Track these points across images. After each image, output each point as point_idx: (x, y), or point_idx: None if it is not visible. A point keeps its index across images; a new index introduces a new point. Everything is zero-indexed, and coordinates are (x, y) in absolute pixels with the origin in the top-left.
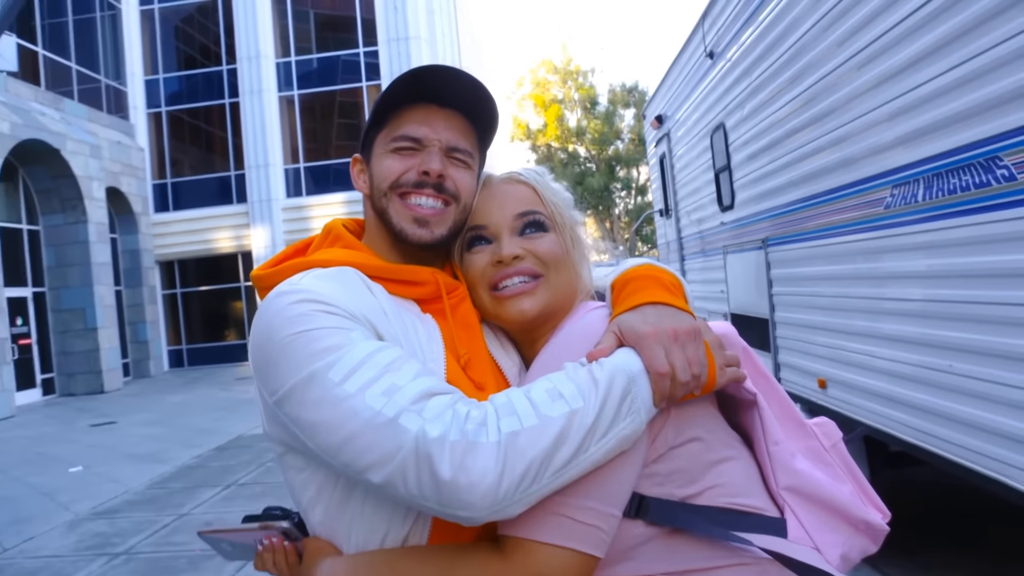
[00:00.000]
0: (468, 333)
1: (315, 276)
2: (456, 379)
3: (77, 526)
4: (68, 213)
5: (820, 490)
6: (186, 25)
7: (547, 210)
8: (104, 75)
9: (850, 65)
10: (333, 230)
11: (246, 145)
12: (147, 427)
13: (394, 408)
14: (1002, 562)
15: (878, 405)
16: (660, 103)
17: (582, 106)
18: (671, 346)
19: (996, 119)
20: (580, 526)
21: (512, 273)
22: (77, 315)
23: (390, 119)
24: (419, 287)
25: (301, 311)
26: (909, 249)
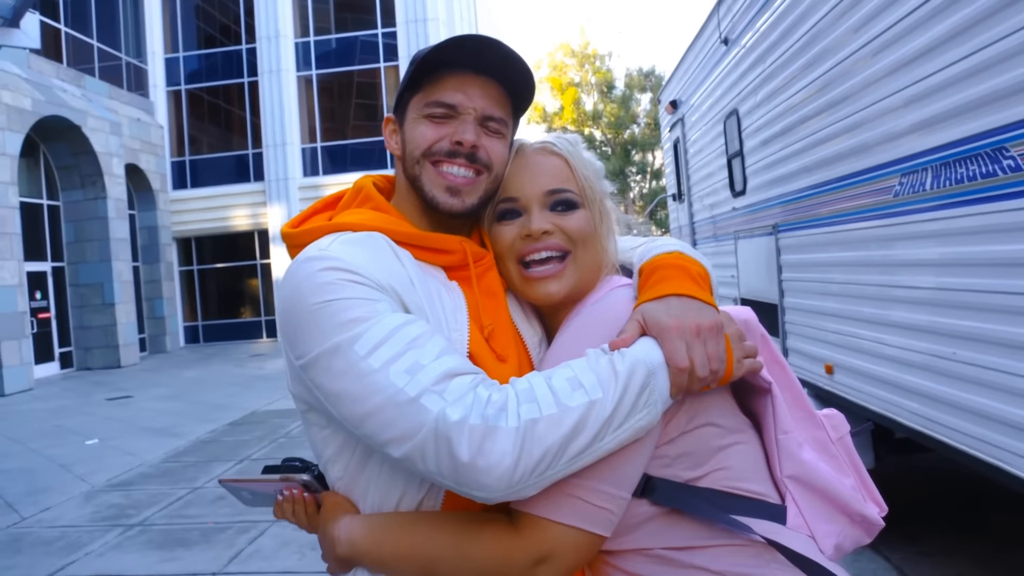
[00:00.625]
0: (493, 303)
1: (344, 241)
2: (479, 350)
3: (93, 497)
4: (88, 189)
5: (822, 481)
6: (206, 4)
7: (578, 185)
8: (125, 53)
9: (863, 53)
10: (364, 189)
11: (264, 124)
12: (162, 401)
13: (416, 387)
14: (1003, 548)
15: (884, 392)
16: (675, 88)
17: (599, 90)
18: (693, 341)
19: (1004, 110)
20: (592, 508)
21: (540, 248)
22: (95, 290)
23: (425, 83)
24: (447, 255)
25: (329, 279)
26: (917, 237)
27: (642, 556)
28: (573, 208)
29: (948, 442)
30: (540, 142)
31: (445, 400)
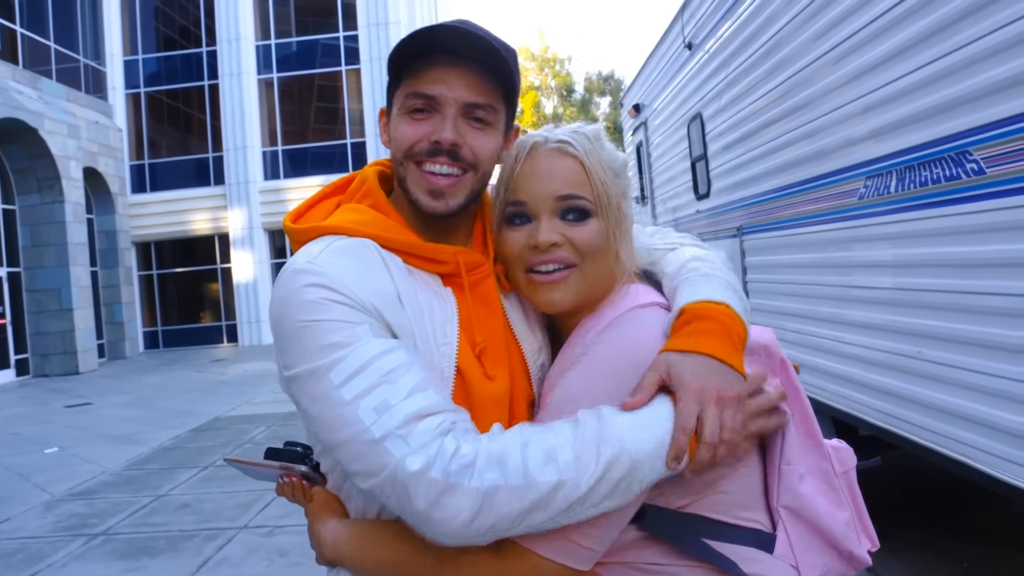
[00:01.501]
0: (488, 314)
1: (334, 251)
2: (467, 365)
3: (54, 507)
4: (45, 193)
5: (816, 516)
6: (166, 6)
7: (593, 192)
8: (83, 55)
9: (825, 60)
10: (367, 181)
11: (224, 127)
12: (123, 408)
13: (382, 429)
14: (969, 542)
15: (850, 390)
16: (638, 92)
17: (558, 93)
18: (709, 406)
19: (967, 115)
20: (580, 548)
21: (547, 260)
22: (52, 295)
23: (405, 76)
24: (440, 265)
25: (313, 297)
26: (881, 239)
27: (624, 567)
28: (585, 217)
29: (915, 439)
30: (556, 141)
31: (408, 446)
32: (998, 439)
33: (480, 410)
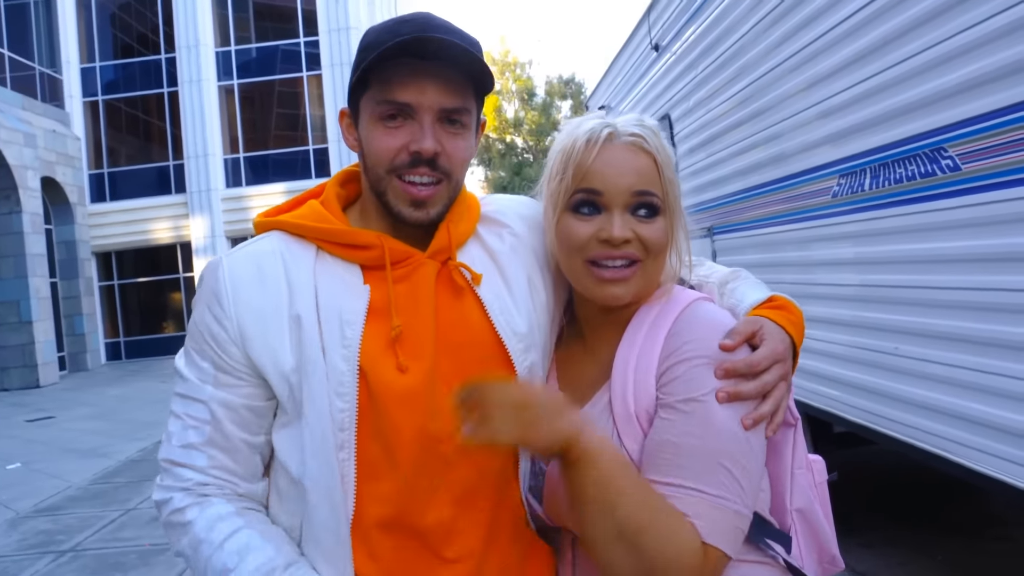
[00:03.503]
0: (412, 302)
1: (245, 256)
2: (373, 362)
3: (19, 524)
4: (1, 203)
5: (817, 519)
6: (123, 13)
7: (663, 189)
8: (38, 62)
9: (798, 58)
10: (327, 190)
11: (185, 135)
12: (87, 421)
13: (163, 452)
14: (942, 535)
15: (826, 388)
16: (604, 94)
17: (519, 97)
18: (774, 373)
19: (942, 111)
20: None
21: (616, 255)
22: (11, 308)
23: (373, 80)
24: (363, 251)
25: (196, 319)
26: (857, 236)
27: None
28: (655, 214)
29: (893, 435)
30: (631, 135)
31: (161, 480)
32: (976, 432)
33: (386, 409)
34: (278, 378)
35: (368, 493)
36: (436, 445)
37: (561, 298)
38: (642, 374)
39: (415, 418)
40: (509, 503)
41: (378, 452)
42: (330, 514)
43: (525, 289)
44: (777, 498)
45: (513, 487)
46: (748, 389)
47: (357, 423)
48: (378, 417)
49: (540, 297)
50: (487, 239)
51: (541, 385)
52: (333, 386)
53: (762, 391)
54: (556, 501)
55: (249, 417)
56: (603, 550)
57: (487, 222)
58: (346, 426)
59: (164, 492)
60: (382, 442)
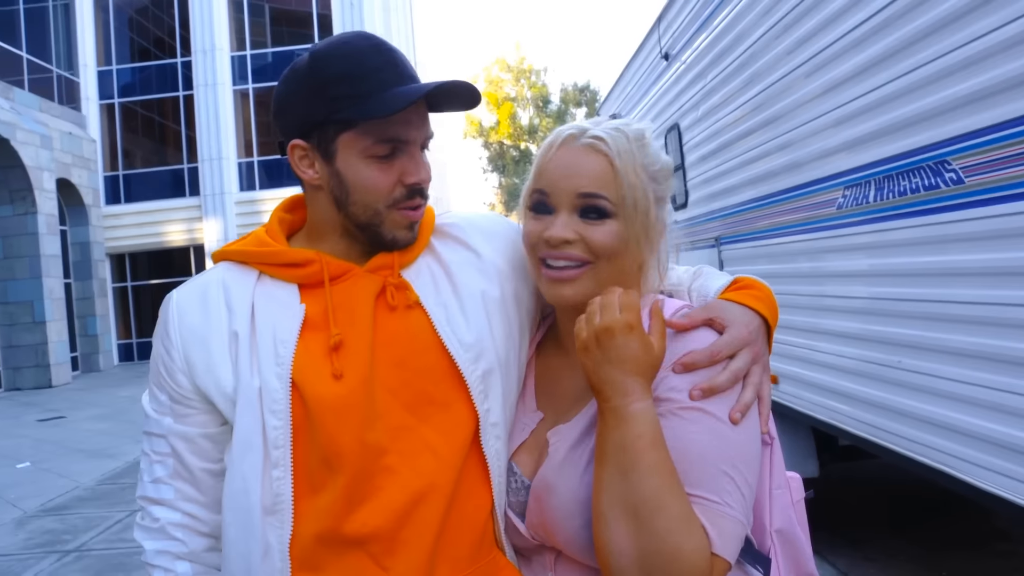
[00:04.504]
0: (349, 314)
1: (192, 287)
2: (305, 372)
3: (25, 523)
4: (17, 204)
5: (797, 539)
6: (140, 16)
7: (618, 193)
8: (56, 65)
9: (802, 71)
10: (271, 217)
11: (199, 138)
12: (97, 422)
13: (137, 493)
14: (946, 549)
15: (830, 400)
16: (615, 103)
17: (534, 104)
18: (744, 356)
19: (946, 124)
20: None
21: (557, 256)
22: (25, 308)
23: (361, 122)
24: (301, 269)
25: (152, 353)
26: (861, 248)
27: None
28: (604, 217)
29: (896, 449)
30: (591, 136)
31: (140, 519)
32: (979, 448)
33: (321, 420)
34: (222, 400)
35: (306, 509)
36: (376, 454)
37: (535, 308)
38: None
39: (351, 427)
40: (469, 517)
41: (316, 464)
42: (250, 540)
43: (478, 301)
44: (756, 519)
45: (476, 501)
46: (720, 381)
47: (292, 439)
48: (313, 429)
49: (499, 308)
50: (441, 251)
51: (643, 335)
52: (267, 404)
53: (735, 379)
54: (543, 514)
55: (207, 446)
56: (610, 523)
57: (441, 234)
58: (280, 443)
59: (141, 534)
60: (319, 454)
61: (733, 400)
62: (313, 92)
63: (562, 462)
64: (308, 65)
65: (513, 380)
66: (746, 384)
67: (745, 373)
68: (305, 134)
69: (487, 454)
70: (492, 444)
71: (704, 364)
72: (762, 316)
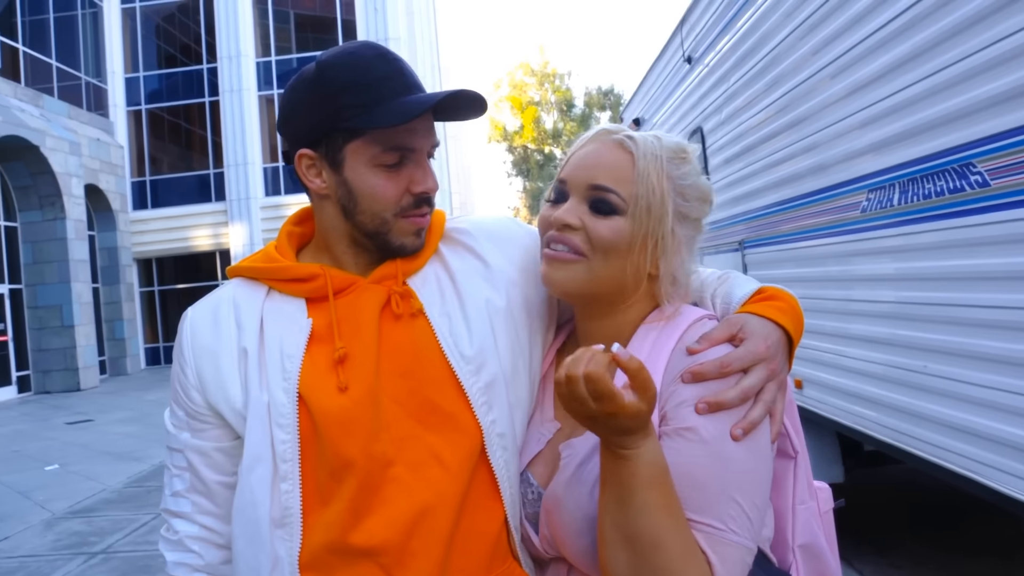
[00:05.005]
0: (354, 327)
1: (204, 304)
2: (312, 386)
3: (54, 525)
4: (46, 210)
5: (822, 552)
6: (167, 24)
7: (631, 190)
8: (84, 72)
9: (825, 73)
10: (280, 231)
11: (225, 143)
12: (124, 425)
13: (160, 506)
14: (975, 555)
15: (855, 405)
16: (638, 106)
17: (558, 108)
18: (759, 371)
19: (971, 126)
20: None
21: (557, 239)
22: (54, 312)
23: (368, 131)
24: (307, 284)
25: (171, 370)
26: (885, 252)
27: None
28: (612, 213)
29: (922, 455)
30: (622, 135)
31: (164, 533)
32: (1007, 454)
33: (328, 432)
34: (233, 415)
35: (315, 521)
36: (382, 465)
37: (549, 314)
38: None
39: (358, 439)
40: (480, 527)
41: (325, 477)
42: (259, 553)
43: (482, 311)
44: (778, 533)
45: (487, 511)
46: (729, 397)
47: (300, 453)
48: (321, 442)
49: (505, 318)
50: (448, 258)
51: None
52: (275, 418)
53: (745, 397)
54: (553, 528)
55: (221, 459)
56: (609, 549)
57: (450, 241)
58: (288, 457)
59: (163, 545)
60: (327, 467)
61: (739, 418)
62: (320, 101)
63: (571, 478)
64: (315, 74)
65: (523, 390)
66: (757, 400)
67: (758, 390)
68: (312, 143)
69: (495, 465)
70: (500, 455)
71: (713, 376)
72: (784, 329)
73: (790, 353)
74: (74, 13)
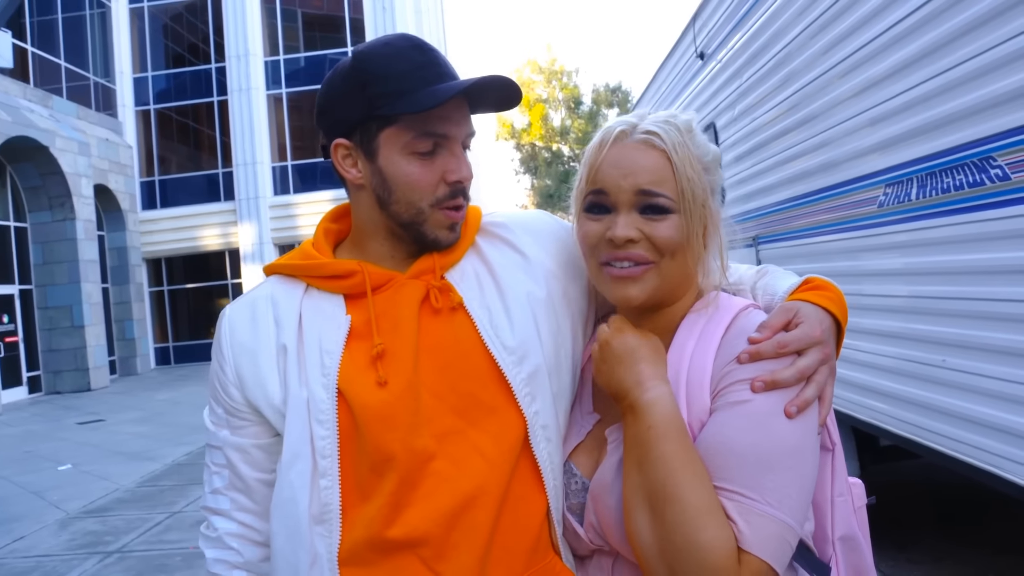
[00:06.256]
0: (393, 323)
1: (242, 305)
2: (350, 382)
3: (68, 525)
4: (56, 210)
5: (860, 546)
6: (175, 23)
7: (677, 187)
8: (93, 73)
9: (842, 67)
10: (317, 228)
11: (234, 143)
12: (136, 425)
13: (200, 503)
14: (996, 552)
15: (872, 400)
16: (649, 102)
17: (566, 105)
18: (813, 355)
19: (991, 120)
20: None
21: (622, 256)
22: (64, 312)
23: (403, 117)
24: (345, 280)
25: (211, 368)
26: (903, 246)
27: None
28: (665, 213)
29: (941, 449)
30: (644, 132)
31: (204, 530)
32: None
33: (368, 427)
34: (271, 412)
35: (356, 517)
36: (424, 459)
37: (588, 307)
38: (695, 386)
39: (397, 433)
40: (522, 520)
41: (366, 472)
42: (298, 550)
43: (523, 302)
44: (818, 526)
45: (530, 504)
46: (785, 376)
47: (340, 448)
48: (361, 437)
49: (546, 309)
50: (486, 251)
51: (635, 332)
52: (314, 414)
53: (801, 376)
54: (600, 514)
55: (260, 456)
56: (632, 513)
57: (487, 234)
58: (328, 453)
59: (203, 542)
60: (368, 462)
61: (792, 396)
62: (355, 90)
63: (620, 462)
64: (351, 65)
65: (566, 381)
66: (810, 382)
67: (812, 372)
68: (348, 133)
69: (538, 457)
70: (543, 446)
71: (770, 355)
72: (834, 317)
73: (838, 341)
74: (82, 13)
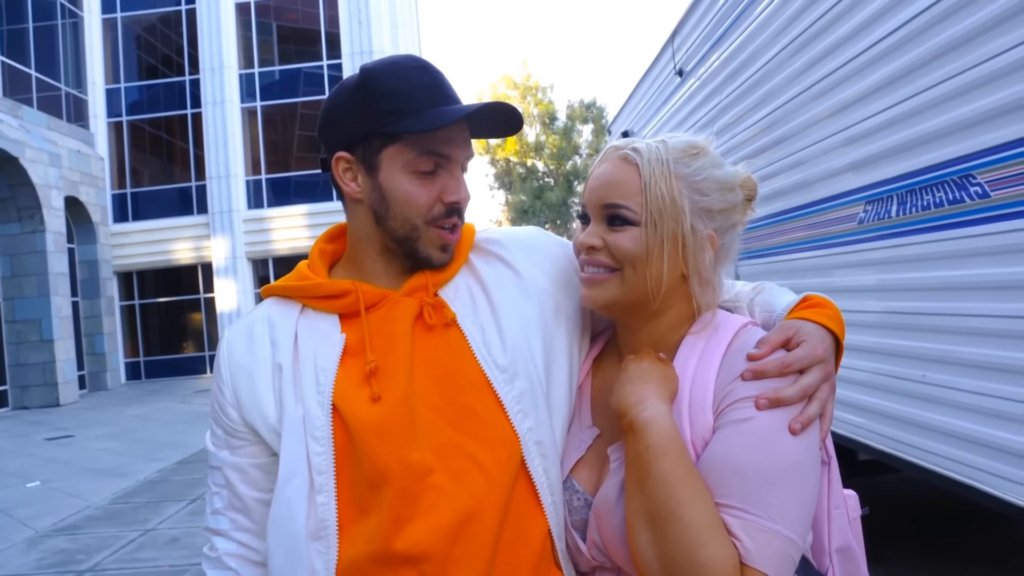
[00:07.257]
0: (387, 340)
1: (241, 324)
2: (346, 398)
3: (38, 543)
4: (25, 222)
5: (856, 558)
6: (149, 35)
7: (643, 200)
8: (64, 83)
9: (825, 83)
10: (312, 249)
11: (207, 156)
12: (106, 441)
13: (206, 521)
14: (967, 563)
15: (851, 415)
16: (627, 119)
17: (541, 121)
18: (816, 373)
19: (971, 138)
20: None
21: (586, 262)
22: (33, 326)
23: (406, 135)
24: (339, 300)
25: (213, 388)
26: (884, 263)
27: None
28: (628, 224)
29: (920, 463)
30: (623, 149)
31: (206, 551)
32: (1004, 460)
33: (363, 442)
34: (267, 431)
35: (355, 533)
36: (421, 473)
37: (583, 323)
38: (698, 405)
39: (393, 447)
40: (524, 536)
41: (363, 487)
42: (296, 567)
43: (516, 319)
44: (815, 538)
45: (531, 519)
46: (789, 394)
47: (336, 464)
48: (357, 452)
49: (539, 326)
50: (479, 268)
51: (653, 359)
52: (310, 431)
53: (804, 394)
54: (603, 532)
55: (258, 476)
56: (635, 533)
57: (481, 251)
58: (323, 469)
59: (205, 563)
60: (365, 477)
61: (795, 414)
62: (361, 106)
63: (623, 481)
64: (358, 80)
65: (561, 397)
66: (812, 399)
67: (814, 390)
68: (350, 147)
69: (533, 473)
70: (538, 463)
71: (774, 374)
72: (834, 335)
73: (837, 359)
74: (54, 23)
